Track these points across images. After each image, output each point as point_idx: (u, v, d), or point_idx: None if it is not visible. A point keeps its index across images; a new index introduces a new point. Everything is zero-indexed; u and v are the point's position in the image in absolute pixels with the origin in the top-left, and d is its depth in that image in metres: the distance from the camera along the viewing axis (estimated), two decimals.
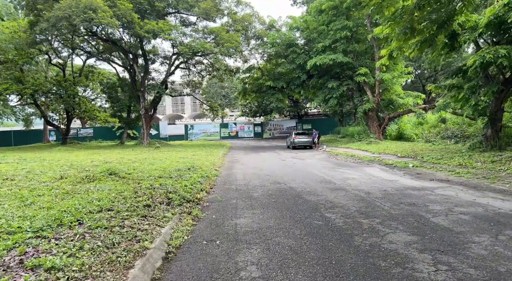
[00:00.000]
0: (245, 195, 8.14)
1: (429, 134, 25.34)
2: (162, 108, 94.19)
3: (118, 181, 8.61)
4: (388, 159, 15.17)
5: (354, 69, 26.95)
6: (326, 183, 9.68)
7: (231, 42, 25.97)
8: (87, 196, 6.38)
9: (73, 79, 34.26)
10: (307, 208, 6.62)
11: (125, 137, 34.96)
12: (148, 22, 25.23)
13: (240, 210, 6.64)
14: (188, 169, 11.35)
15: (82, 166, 12.06)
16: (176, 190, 7.32)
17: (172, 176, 9.74)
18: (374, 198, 7.42)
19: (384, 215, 5.95)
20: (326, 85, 27.71)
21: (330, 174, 11.60)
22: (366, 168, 13.29)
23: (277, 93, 31.07)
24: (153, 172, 10.44)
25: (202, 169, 11.95)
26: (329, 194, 8.07)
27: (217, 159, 17.43)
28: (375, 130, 26.44)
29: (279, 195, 8.10)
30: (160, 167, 11.96)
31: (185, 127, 49.70)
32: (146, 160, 14.65)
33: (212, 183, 9.98)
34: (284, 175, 11.63)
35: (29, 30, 26.45)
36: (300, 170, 13.15)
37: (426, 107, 25.61)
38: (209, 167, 13.25)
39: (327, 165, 14.60)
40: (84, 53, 34.72)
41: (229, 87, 58.55)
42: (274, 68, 32.38)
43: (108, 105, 38.37)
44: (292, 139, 26.74)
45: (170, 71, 30.97)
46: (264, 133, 48.99)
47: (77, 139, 44.51)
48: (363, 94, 27.75)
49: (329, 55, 26.12)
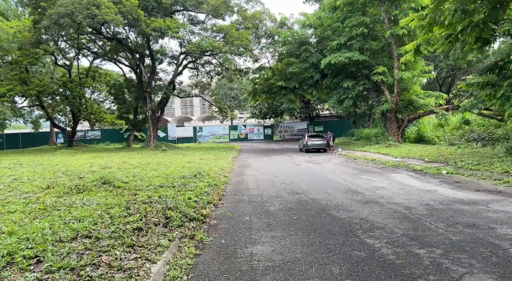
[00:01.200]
0: (260, 210, 6.83)
1: (451, 137, 23.70)
2: (171, 110, 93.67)
3: (112, 191, 7.40)
4: (415, 164, 13.71)
5: (370, 67, 25.46)
6: (353, 194, 8.32)
7: (241, 40, 24.74)
8: (66, 215, 5.16)
9: (79, 80, 33.45)
10: (340, 230, 5.27)
11: (131, 139, 33.98)
12: (155, 19, 24.19)
13: (256, 231, 5.34)
14: (194, 176, 10.09)
15: (77, 173, 10.92)
16: (178, 204, 6.05)
17: (175, 185, 8.49)
18: (419, 216, 6.03)
19: (444, 243, 4.57)
20: (341, 84, 26.25)
21: (355, 182, 10.22)
22: (393, 174, 11.86)
23: (289, 93, 29.70)
24: (154, 180, 9.22)
25: (210, 175, 10.69)
26: (361, 209, 6.71)
27: (226, 163, 16.18)
28: (393, 132, 24.87)
29: (301, 209, 6.77)
30: (163, 173, 10.74)
31: (194, 129, 48.67)
32: (149, 165, 13.46)
33: (221, 193, 8.71)
34: (301, 183, 10.29)
35: (33, 29, 25.67)
36: (318, 176, 11.80)
37: (448, 107, 23.97)
38: (218, 173, 12.00)
39: (348, 171, 13.21)
40: (90, 53, 33.95)
41: (239, 88, 57.43)
42: (285, 67, 31.02)
43: (115, 106, 37.52)
44: (305, 141, 25.35)
45: (177, 71, 29.89)
46: (274, 135, 47.62)
47: (84, 142, 43.79)
48: (380, 94, 26.21)
49: (344, 53, 24.69)
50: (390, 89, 25.44)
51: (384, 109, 24.29)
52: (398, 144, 22.85)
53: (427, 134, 25.73)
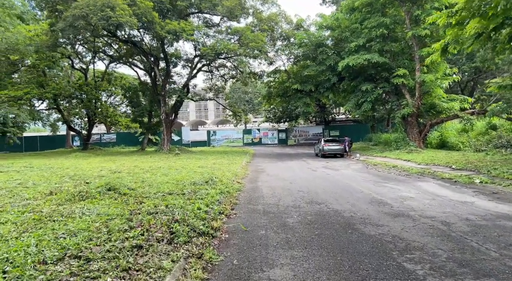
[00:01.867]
0: (277, 222, 6.14)
1: (477, 143, 22.47)
2: (186, 114, 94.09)
3: (117, 199, 6.85)
4: (442, 172, 12.75)
5: (390, 70, 24.49)
6: (379, 205, 7.53)
7: (256, 42, 24.19)
8: (60, 227, 4.61)
9: (94, 83, 33.56)
10: (371, 251, 4.53)
11: (145, 143, 33.81)
12: (169, 22, 23.91)
13: (273, 249, 4.65)
14: (206, 183, 9.48)
15: (85, 177, 10.47)
16: (186, 216, 5.43)
17: (185, 192, 7.89)
18: (461, 234, 5.23)
19: (503, 271, 3.78)
20: (359, 88, 25.34)
21: (379, 191, 9.41)
22: (419, 183, 10.97)
23: (304, 97, 28.92)
24: (164, 186, 8.64)
25: (222, 182, 10.06)
26: (392, 223, 5.94)
27: (240, 168, 15.54)
28: (414, 137, 23.75)
29: (323, 223, 6.05)
30: (173, 179, 10.17)
31: (208, 133, 48.36)
32: (160, 170, 12.95)
33: (234, 201, 8.05)
34: (320, 191, 9.55)
35: (50, 32, 25.80)
36: (338, 184, 11.02)
37: (474, 112, 22.71)
38: (230, 179, 11.36)
39: (369, 178, 12.37)
40: (106, 57, 34.07)
41: (253, 92, 57.00)
42: (301, 70, 30.32)
43: (130, 110, 37.52)
44: (322, 146, 24.51)
45: (192, 74, 29.57)
46: (288, 140, 46.82)
47: (99, 145, 44.01)
48: (400, 97, 25.16)
49: (363, 55, 23.81)
50: (411, 92, 24.39)
51: (405, 113, 23.25)
52: (420, 150, 21.76)
53: (450, 139, 24.51)
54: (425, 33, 21.71)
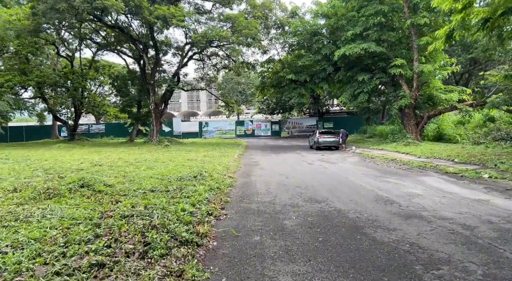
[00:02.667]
0: (274, 225, 5.34)
1: (475, 135, 21.97)
2: (178, 105, 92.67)
3: (89, 198, 5.97)
4: (445, 166, 12.07)
5: (387, 60, 23.70)
6: (386, 204, 6.78)
7: (249, 29, 23.14)
8: (7, 236, 3.73)
9: (81, 72, 32.18)
10: (389, 264, 3.75)
11: (134, 134, 32.66)
12: (159, 7, 22.70)
13: (270, 262, 3.85)
14: (194, 177, 8.63)
15: (61, 171, 9.52)
16: (167, 220, 4.59)
17: (170, 189, 7.03)
18: (489, 241, 4.48)
19: None
20: (355, 78, 24.53)
21: (382, 187, 8.67)
22: (423, 177, 10.27)
23: (299, 87, 28.04)
24: (146, 182, 7.77)
25: (213, 176, 9.22)
26: (405, 227, 5.18)
27: (232, 161, 14.71)
28: (411, 129, 23.13)
29: (327, 226, 5.26)
30: (158, 173, 9.29)
31: (200, 125, 47.30)
32: (145, 163, 12.03)
33: (225, 198, 7.23)
34: (319, 187, 8.78)
35: (31, 17, 24.35)
36: (337, 179, 10.26)
37: (473, 103, 22.11)
38: (222, 173, 10.53)
39: (369, 172, 11.64)
40: (93, 44, 32.64)
41: (246, 83, 55.89)
42: (295, 60, 29.37)
43: (119, 99, 36.23)
44: (316, 138, 23.77)
45: (182, 63, 28.40)
46: (282, 132, 46.01)
47: (88, 135, 42.67)
48: (398, 88, 24.44)
49: (360, 44, 22.94)
50: (409, 83, 23.71)
51: (402, 104, 22.57)
52: (418, 143, 21.15)
53: (447, 132, 23.97)
54: (424, 22, 20.95)
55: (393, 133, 23.95)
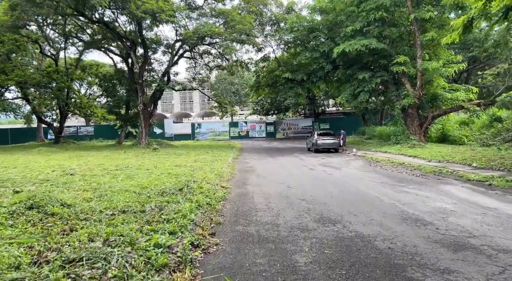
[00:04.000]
0: (282, 264, 3.93)
1: (482, 136, 20.84)
2: (170, 106, 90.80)
3: (36, 224, 4.51)
4: (464, 172, 10.77)
5: (389, 57, 22.50)
6: (417, 225, 5.41)
7: (243, 24, 21.77)
8: None
9: (65, 71, 30.48)
10: None
11: (122, 136, 31.07)
12: (146, 1, 21.21)
13: None
14: (180, 190, 7.18)
15: (21, 182, 8.01)
16: (129, 267, 3.14)
17: (147, 208, 5.59)
18: None
19: None
20: (355, 76, 23.26)
21: (403, 200, 7.32)
22: (444, 186, 8.95)
23: (296, 86, 26.67)
24: (119, 198, 6.31)
25: (202, 188, 7.78)
26: (460, 265, 3.80)
27: (225, 167, 13.28)
28: (415, 130, 21.91)
29: (352, 264, 3.86)
30: (138, 184, 7.83)
31: (192, 126, 45.74)
32: (126, 170, 10.54)
33: (216, 218, 5.82)
34: (328, 200, 7.40)
35: (10, 11, 22.69)
36: (345, 188, 8.90)
37: (480, 103, 20.98)
38: (214, 182, 9.10)
39: (381, 179, 10.29)
40: (79, 42, 30.95)
41: (240, 83, 54.47)
42: (292, 58, 28.07)
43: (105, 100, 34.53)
44: (315, 140, 22.45)
45: (173, 61, 26.89)
46: (277, 133, 44.66)
47: (76, 138, 40.89)
48: (400, 87, 23.21)
49: (360, 40, 21.68)
50: (412, 81, 22.53)
51: (406, 104, 21.34)
52: (423, 144, 19.91)
53: (452, 133, 22.83)
54: (428, 16, 19.80)
55: (395, 135, 22.69)
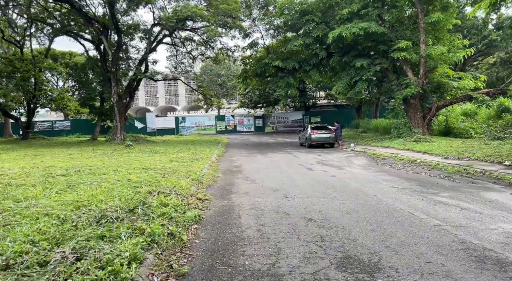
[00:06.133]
0: None
1: (491, 129, 19.01)
2: (155, 100, 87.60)
3: None
4: (498, 172, 8.75)
5: (389, 42, 20.46)
6: (504, 271, 3.26)
7: (228, 4, 19.34)
8: None
9: (32, 59, 27.44)
10: None
11: (97, 131, 28.29)
12: None
13: None
14: (131, 211, 4.85)
15: None
16: None
17: (55, 258, 3.24)
18: None
19: None
20: (352, 64, 21.15)
21: (447, 218, 5.17)
22: (487, 194, 6.87)
23: (287, 76, 24.35)
24: (22, 232, 3.94)
25: (167, 206, 5.45)
26: None
27: (207, 167, 10.97)
28: (418, 123, 19.98)
29: None
30: (74, 201, 5.45)
31: (176, 120, 43.06)
32: (72, 177, 8.09)
33: (178, 266, 3.54)
34: (346, 220, 5.20)
35: None
36: (361, 198, 6.73)
37: (489, 92, 19.14)
38: (187, 191, 6.79)
39: (400, 184, 8.16)
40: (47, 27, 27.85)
41: (226, 75, 51.84)
42: (282, 45, 25.73)
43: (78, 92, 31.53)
44: (309, 134, 20.36)
45: (150, 47, 24.21)
46: (266, 127, 42.45)
47: (51, 134, 37.76)
48: (401, 76, 21.20)
49: (358, 23, 19.53)
50: (414, 69, 20.55)
51: (408, 94, 19.34)
52: (429, 138, 17.95)
53: (457, 125, 20.97)
54: None
55: (397, 128, 20.67)
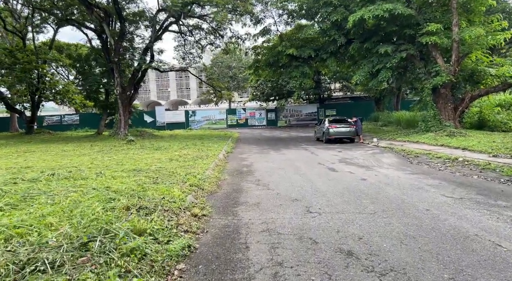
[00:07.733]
0: None
1: None
2: (166, 93, 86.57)
3: None
4: None
5: (417, 26, 18.38)
6: None
7: None
8: None
9: (34, 50, 26.25)
10: None
11: (102, 125, 27.05)
12: None
13: None
14: (83, 247, 3.25)
15: None
16: None
17: None
18: None
19: None
20: (374, 50, 19.16)
21: None
22: None
23: (302, 65, 22.47)
24: None
25: (146, 231, 3.84)
26: None
27: (212, 168, 9.35)
28: (448, 115, 17.91)
29: None
30: (13, 226, 3.89)
31: (186, 114, 41.59)
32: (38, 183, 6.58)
33: None
34: (404, 255, 3.51)
35: None
36: (411, 214, 5.00)
37: None
38: (179, 204, 5.17)
39: (452, 192, 6.37)
40: (48, 15, 26.56)
41: (237, 67, 50.10)
42: (296, 33, 23.79)
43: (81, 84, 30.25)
44: (326, 128, 18.55)
45: (156, 35, 22.62)
46: (278, 121, 40.59)
47: (60, 128, 36.91)
48: (429, 63, 19.11)
49: (382, 5, 17.48)
50: (445, 55, 18.44)
51: (438, 82, 17.29)
52: (464, 132, 15.92)
53: (492, 117, 18.82)
54: None
55: (425, 120, 18.65)
